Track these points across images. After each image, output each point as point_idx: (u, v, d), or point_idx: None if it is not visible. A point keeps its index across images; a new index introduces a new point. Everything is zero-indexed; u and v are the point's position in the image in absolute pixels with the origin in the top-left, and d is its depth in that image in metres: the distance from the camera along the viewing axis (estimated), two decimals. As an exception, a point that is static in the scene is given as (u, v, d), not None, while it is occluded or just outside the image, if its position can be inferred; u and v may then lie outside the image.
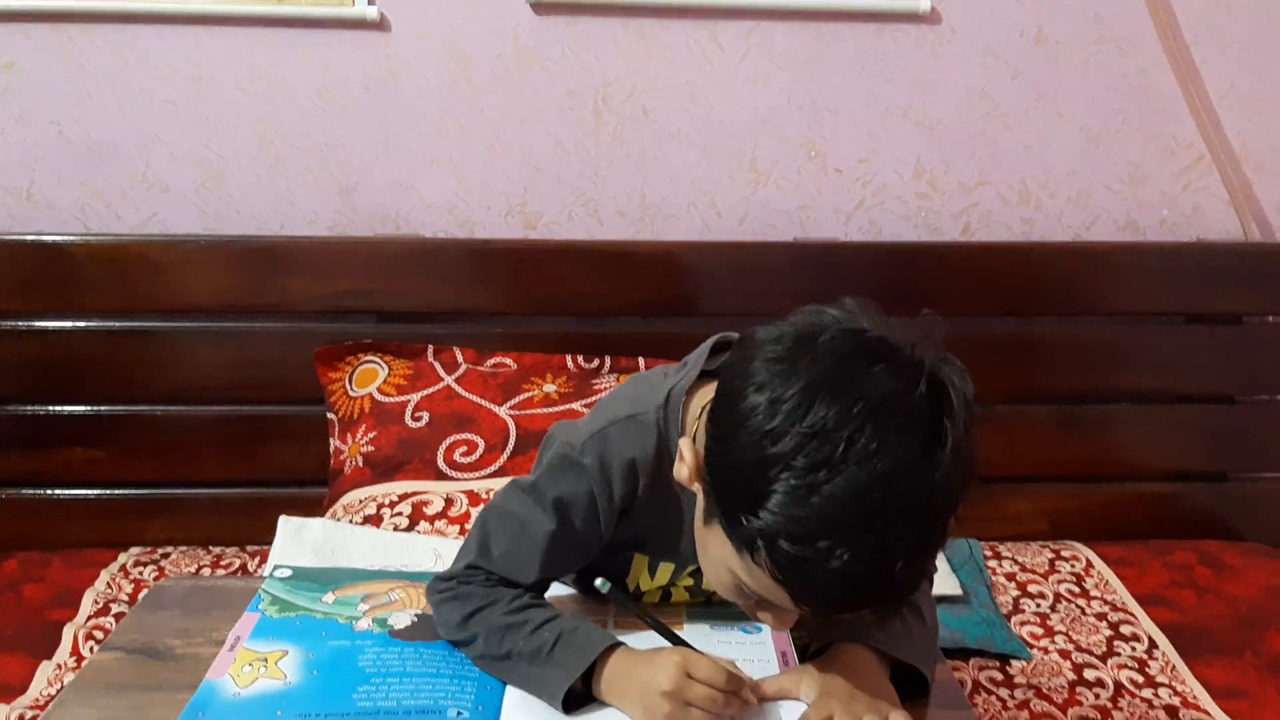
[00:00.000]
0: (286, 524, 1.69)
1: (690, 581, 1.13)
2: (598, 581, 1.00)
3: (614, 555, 1.10)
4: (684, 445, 0.94)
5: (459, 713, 0.97)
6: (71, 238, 1.89)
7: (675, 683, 0.92)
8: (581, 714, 0.97)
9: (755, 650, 1.07)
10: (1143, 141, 2.01)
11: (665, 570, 1.11)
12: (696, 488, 0.93)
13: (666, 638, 1.00)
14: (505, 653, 1.00)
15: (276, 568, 1.21)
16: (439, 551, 1.55)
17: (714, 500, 0.89)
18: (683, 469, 0.93)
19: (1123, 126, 2.00)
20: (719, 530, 0.88)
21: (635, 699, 0.95)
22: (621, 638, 1.05)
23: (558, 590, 1.18)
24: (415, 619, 1.12)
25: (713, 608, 1.15)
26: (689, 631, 1.10)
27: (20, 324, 1.91)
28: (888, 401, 0.80)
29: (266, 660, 1.03)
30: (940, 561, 1.81)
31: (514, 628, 1.01)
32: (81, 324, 1.92)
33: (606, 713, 0.97)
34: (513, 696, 0.99)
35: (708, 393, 0.94)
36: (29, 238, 1.88)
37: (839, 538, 0.79)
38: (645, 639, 1.07)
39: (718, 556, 0.90)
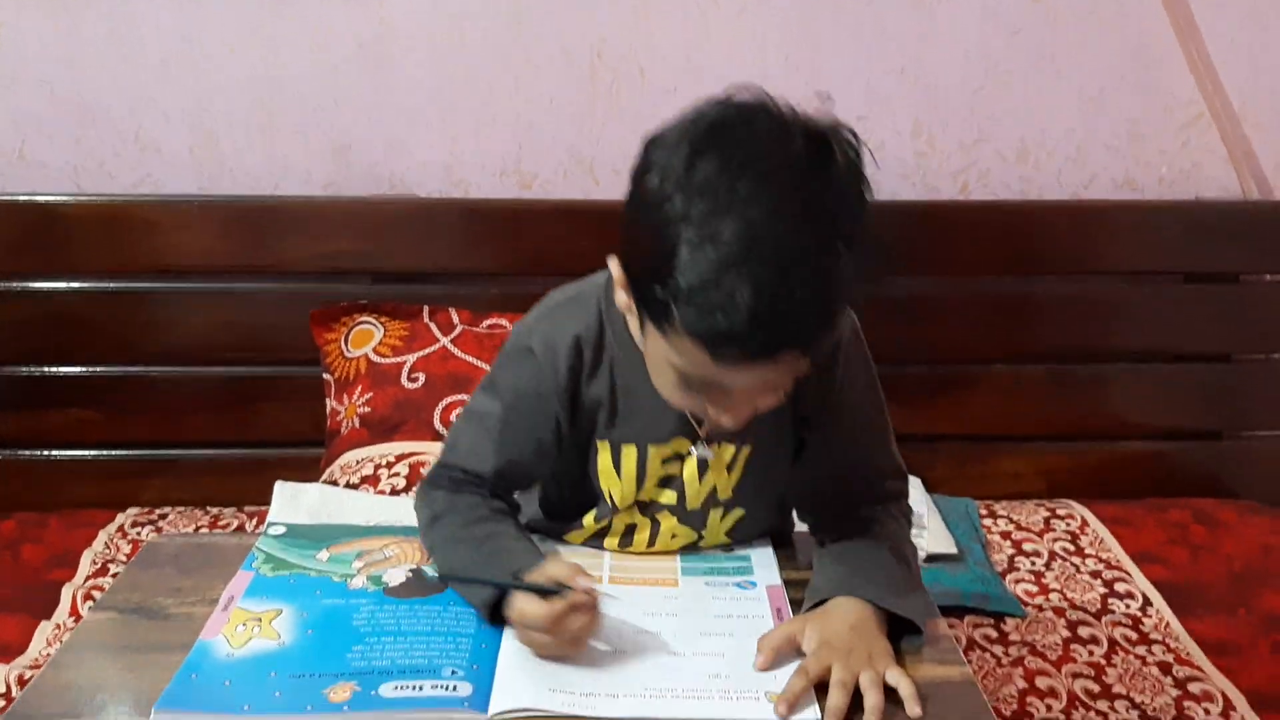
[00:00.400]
0: (282, 489, 1.69)
1: (673, 498, 1.14)
2: (427, 571, 1.04)
3: (579, 455, 1.12)
4: (612, 262, 0.98)
5: (453, 671, 0.97)
6: (64, 198, 1.88)
7: (524, 637, 0.98)
8: None
9: (750, 606, 1.08)
10: (1142, 99, 2.00)
11: (629, 459, 1.11)
12: (630, 305, 0.97)
13: (546, 593, 0.99)
14: (452, 566, 1.07)
15: (270, 525, 1.21)
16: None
17: (635, 293, 0.93)
18: (620, 292, 0.98)
19: (1122, 84, 1.99)
20: (650, 328, 0.93)
21: None
22: (617, 591, 1.08)
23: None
24: (410, 575, 1.11)
25: (705, 560, 1.16)
26: (684, 588, 1.11)
27: (14, 285, 1.91)
28: (768, 150, 0.86)
29: (260, 620, 1.03)
30: (935, 520, 1.82)
31: (462, 541, 1.08)
32: (75, 285, 1.91)
33: None
34: (507, 655, 0.99)
35: None
36: (21, 198, 1.87)
37: (740, 275, 0.83)
38: (637, 594, 1.09)
39: (656, 357, 0.96)
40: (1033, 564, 1.81)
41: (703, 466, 1.12)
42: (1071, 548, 1.86)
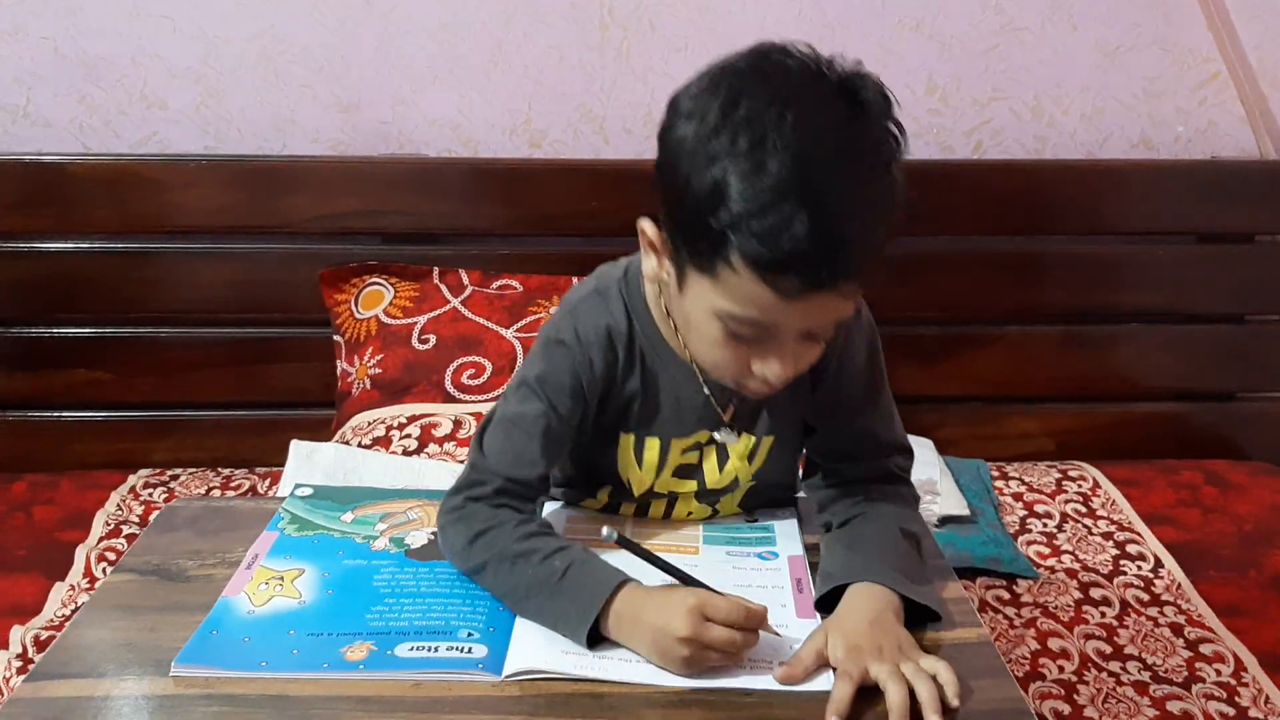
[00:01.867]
0: (298, 449, 1.69)
1: (692, 487, 1.14)
2: (604, 531, 0.99)
3: (603, 445, 1.11)
4: (643, 223, 0.98)
5: (470, 633, 0.97)
6: (70, 157, 1.86)
7: (693, 628, 0.90)
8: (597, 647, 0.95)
9: (770, 577, 1.07)
10: (1159, 55, 1.97)
11: (652, 450, 1.11)
12: (665, 269, 0.97)
13: (679, 579, 0.98)
14: (514, 585, 1.00)
15: (297, 486, 1.22)
16: (456, 475, 1.55)
17: (679, 242, 0.93)
18: (649, 257, 0.99)
19: (1138, 41, 1.96)
20: (693, 280, 0.93)
21: (649, 642, 0.93)
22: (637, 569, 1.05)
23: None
24: (431, 538, 1.12)
25: (727, 529, 1.15)
26: (705, 556, 1.10)
27: (21, 245, 1.90)
28: (807, 85, 0.89)
29: (283, 579, 1.04)
30: (947, 481, 1.81)
31: (523, 556, 1.00)
32: (83, 245, 1.90)
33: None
34: (523, 618, 0.99)
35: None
36: (27, 157, 1.85)
37: (798, 200, 0.84)
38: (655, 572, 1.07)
39: (699, 311, 0.94)
40: (1044, 526, 1.81)
41: (723, 458, 1.12)
42: (1083, 509, 1.86)
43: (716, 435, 1.10)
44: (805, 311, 0.91)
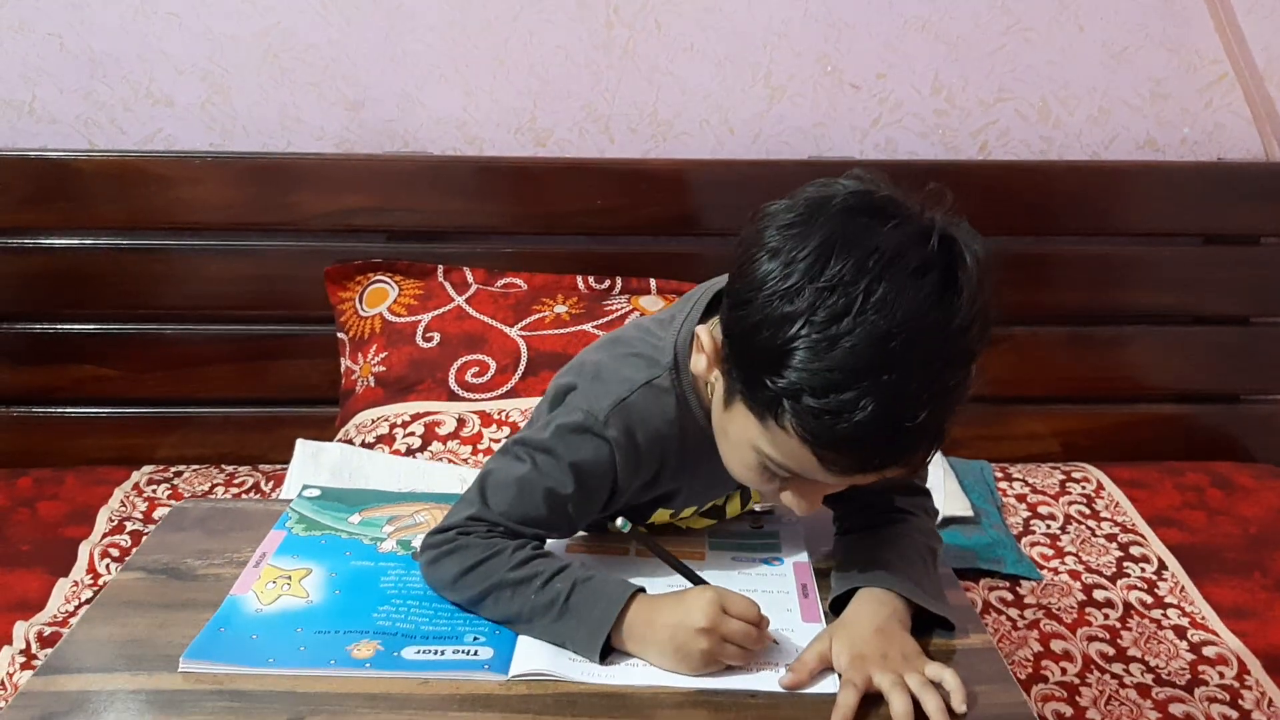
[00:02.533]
0: (304, 448, 1.70)
1: (713, 521, 1.15)
2: (618, 522, 0.99)
3: (638, 511, 1.09)
4: (701, 331, 0.94)
5: (476, 638, 0.97)
6: (76, 154, 1.86)
7: (711, 619, 0.91)
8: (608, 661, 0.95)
9: (776, 582, 1.07)
10: (1165, 56, 1.97)
11: (686, 513, 1.12)
12: (714, 375, 0.94)
13: (689, 579, 0.99)
14: (517, 611, 0.97)
15: (305, 487, 1.22)
16: (464, 478, 1.55)
17: (735, 374, 0.89)
18: (700, 358, 0.95)
19: (1146, 42, 1.96)
20: (740, 408, 0.89)
21: (665, 642, 0.92)
22: (637, 573, 1.05)
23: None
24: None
25: (733, 538, 1.16)
26: (711, 561, 1.11)
27: (28, 241, 1.90)
28: (901, 253, 0.82)
29: (290, 578, 1.04)
30: (951, 482, 1.81)
31: (523, 583, 0.97)
32: (89, 241, 1.90)
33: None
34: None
35: (712, 328, 0.95)
36: (33, 154, 1.85)
37: (863, 388, 0.80)
38: (660, 571, 1.06)
39: (740, 437, 0.91)
40: (1048, 527, 1.81)
41: (746, 497, 1.13)
42: (1087, 511, 1.86)
43: (757, 508, 1.11)
44: (850, 479, 0.89)
